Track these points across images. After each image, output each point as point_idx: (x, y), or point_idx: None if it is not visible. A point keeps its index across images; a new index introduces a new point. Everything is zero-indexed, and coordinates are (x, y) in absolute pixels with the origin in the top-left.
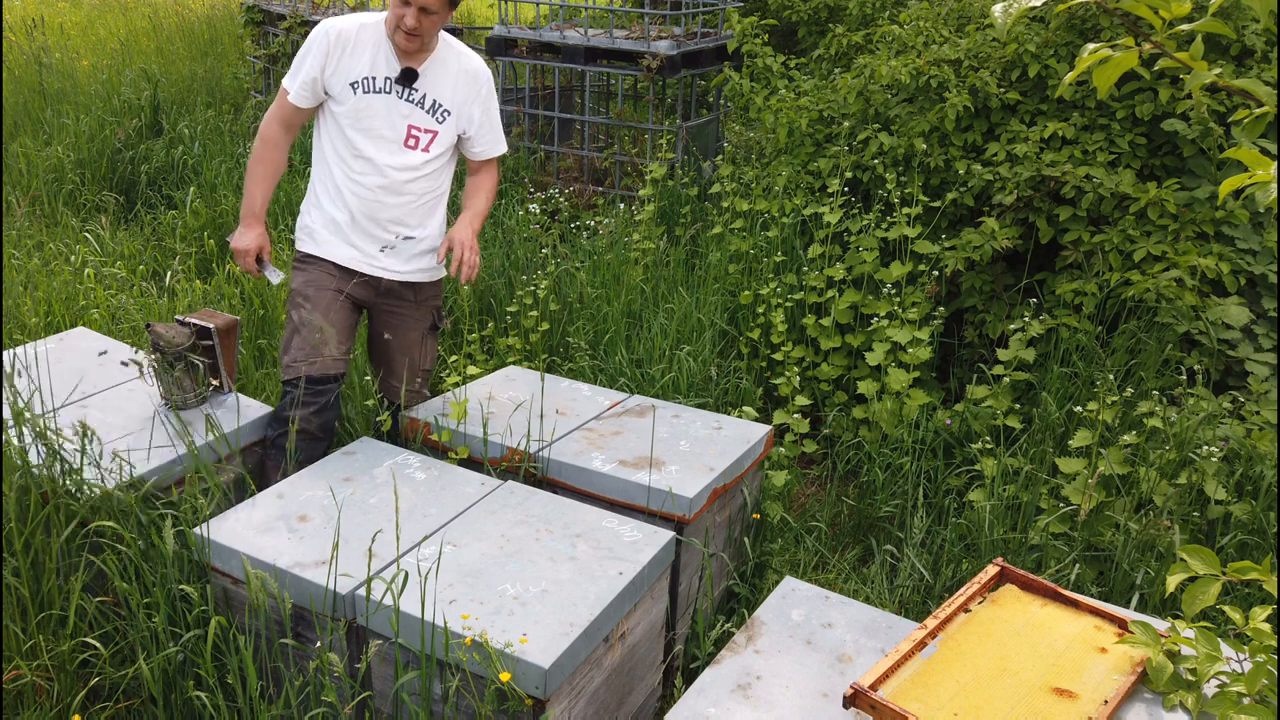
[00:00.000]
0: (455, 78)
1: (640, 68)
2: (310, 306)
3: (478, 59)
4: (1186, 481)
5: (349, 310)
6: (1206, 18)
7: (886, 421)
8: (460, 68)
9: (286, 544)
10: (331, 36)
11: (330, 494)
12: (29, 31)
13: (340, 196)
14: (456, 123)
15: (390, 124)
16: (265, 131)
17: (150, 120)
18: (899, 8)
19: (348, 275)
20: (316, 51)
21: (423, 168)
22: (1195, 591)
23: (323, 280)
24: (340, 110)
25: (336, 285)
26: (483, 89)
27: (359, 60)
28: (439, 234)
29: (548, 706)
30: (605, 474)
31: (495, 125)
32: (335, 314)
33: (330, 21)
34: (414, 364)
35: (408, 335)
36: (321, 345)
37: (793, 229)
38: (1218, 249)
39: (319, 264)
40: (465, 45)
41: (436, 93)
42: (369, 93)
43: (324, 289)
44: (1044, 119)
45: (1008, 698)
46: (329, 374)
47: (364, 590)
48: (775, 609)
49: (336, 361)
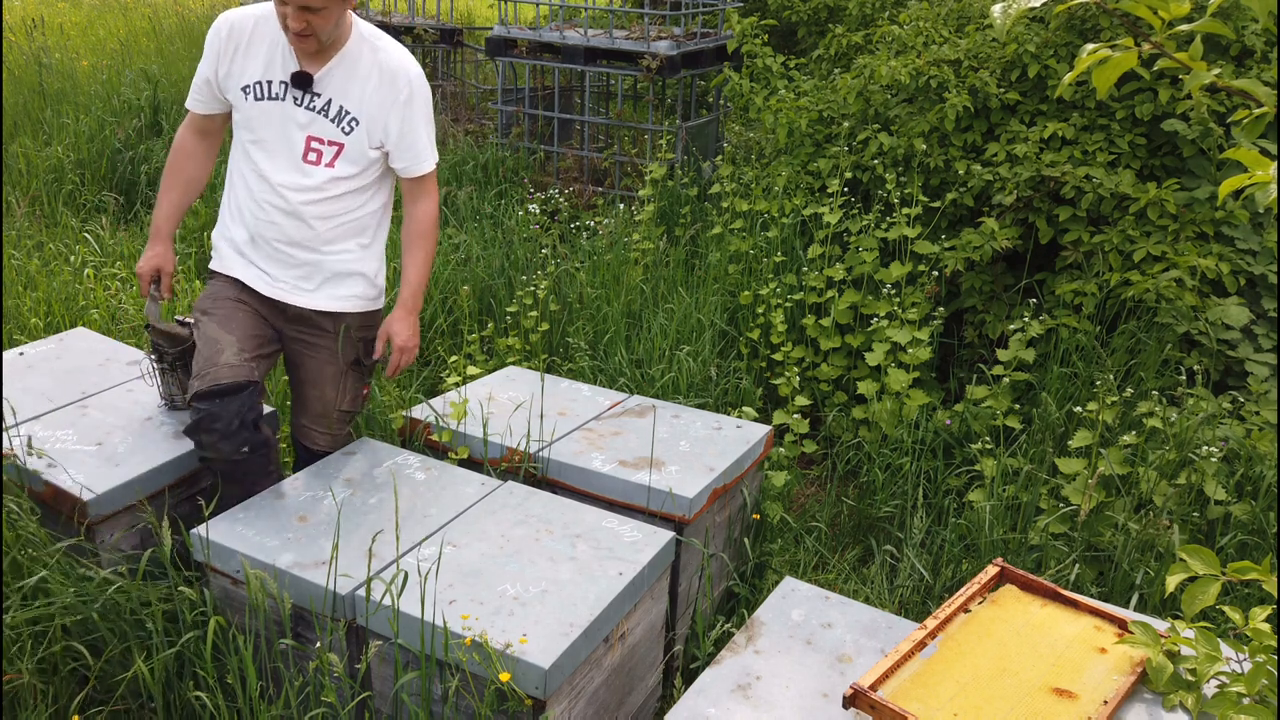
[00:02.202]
0: (367, 79)
1: (640, 68)
2: (207, 319)
3: (401, 56)
4: (1186, 482)
5: (253, 318)
6: (1206, 18)
7: (886, 422)
8: (376, 66)
9: (286, 544)
10: (223, 33)
11: (330, 494)
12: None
13: (240, 214)
14: (369, 134)
15: (285, 136)
16: (177, 139)
17: (150, 120)
18: (899, 8)
19: (252, 293)
20: (209, 50)
21: (327, 187)
22: (1195, 591)
23: (222, 290)
24: (238, 119)
25: (237, 295)
26: (402, 92)
27: (253, 61)
28: (365, 260)
29: (547, 707)
30: (605, 474)
31: (419, 137)
32: (235, 322)
33: (226, 15)
34: (327, 403)
35: (321, 369)
36: (216, 355)
37: (792, 229)
38: (1218, 249)
39: (221, 277)
40: (390, 39)
41: (342, 98)
42: (262, 99)
43: (222, 299)
44: (1044, 119)
45: (1008, 698)
46: (221, 383)
47: (364, 590)
48: (775, 609)
49: (234, 369)
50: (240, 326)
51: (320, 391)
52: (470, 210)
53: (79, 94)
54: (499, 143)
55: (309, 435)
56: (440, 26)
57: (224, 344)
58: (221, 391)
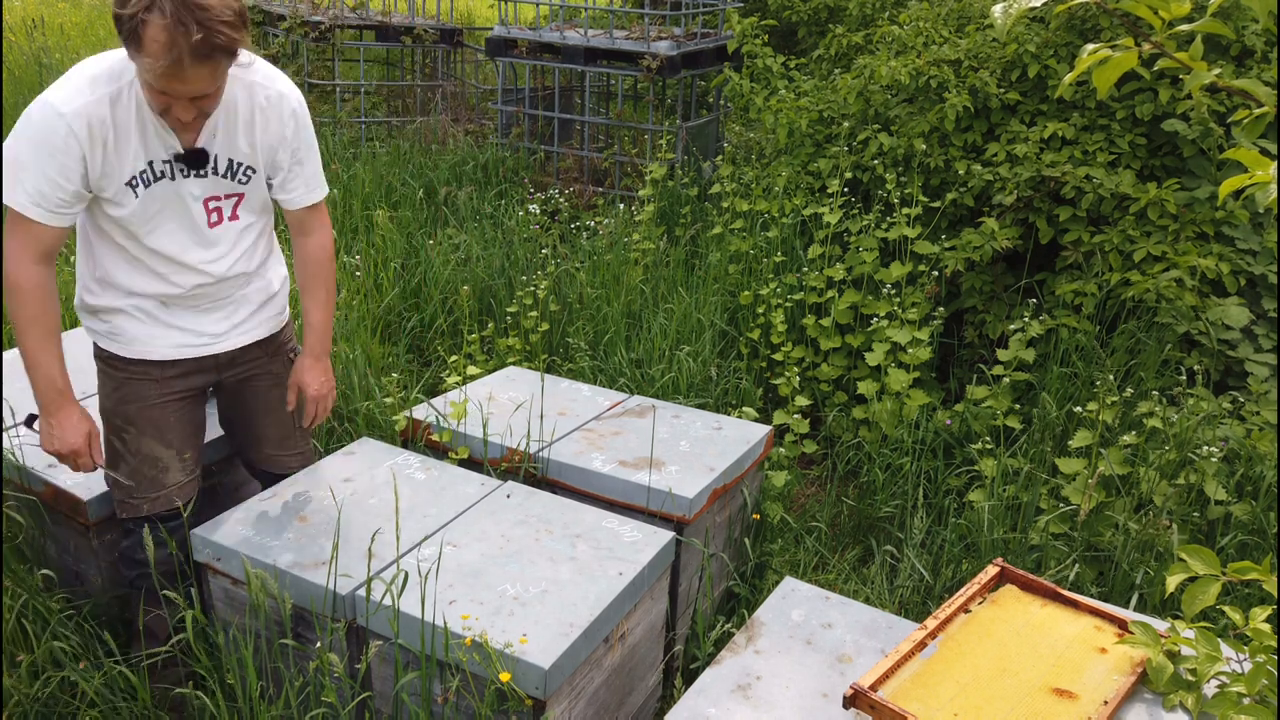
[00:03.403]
0: (250, 124)
1: (640, 68)
2: (135, 431)
3: (278, 86)
4: (1186, 482)
5: (187, 411)
6: (1206, 18)
7: (886, 422)
8: (255, 108)
9: (286, 544)
10: (82, 134)
11: (330, 494)
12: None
13: (143, 290)
14: (264, 174)
15: (182, 210)
16: (20, 277)
17: None
18: (899, 8)
19: (174, 367)
20: (67, 155)
21: (239, 240)
22: (1195, 592)
23: (142, 392)
24: (121, 214)
25: (160, 392)
26: (288, 126)
27: (127, 152)
28: (275, 273)
29: (548, 707)
30: (605, 474)
31: (309, 166)
32: (171, 430)
33: (71, 111)
34: (286, 425)
35: (269, 395)
36: (161, 475)
37: (792, 229)
38: (1218, 249)
39: (130, 369)
40: (258, 64)
41: (231, 150)
42: (151, 184)
43: (147, 404)
44: (1044, 119)
45: (1008, 698)
46: (176, 506)
47: (364, 590)
48: (775, 609)
49: (184, 488)
50: (179, 432)
51: (277, 416)
52: (470, 210)
53: None
54: (499, 143)
55: (279, 462)
56: (440, 26)
57: (166, 460)
58: (173, 515)
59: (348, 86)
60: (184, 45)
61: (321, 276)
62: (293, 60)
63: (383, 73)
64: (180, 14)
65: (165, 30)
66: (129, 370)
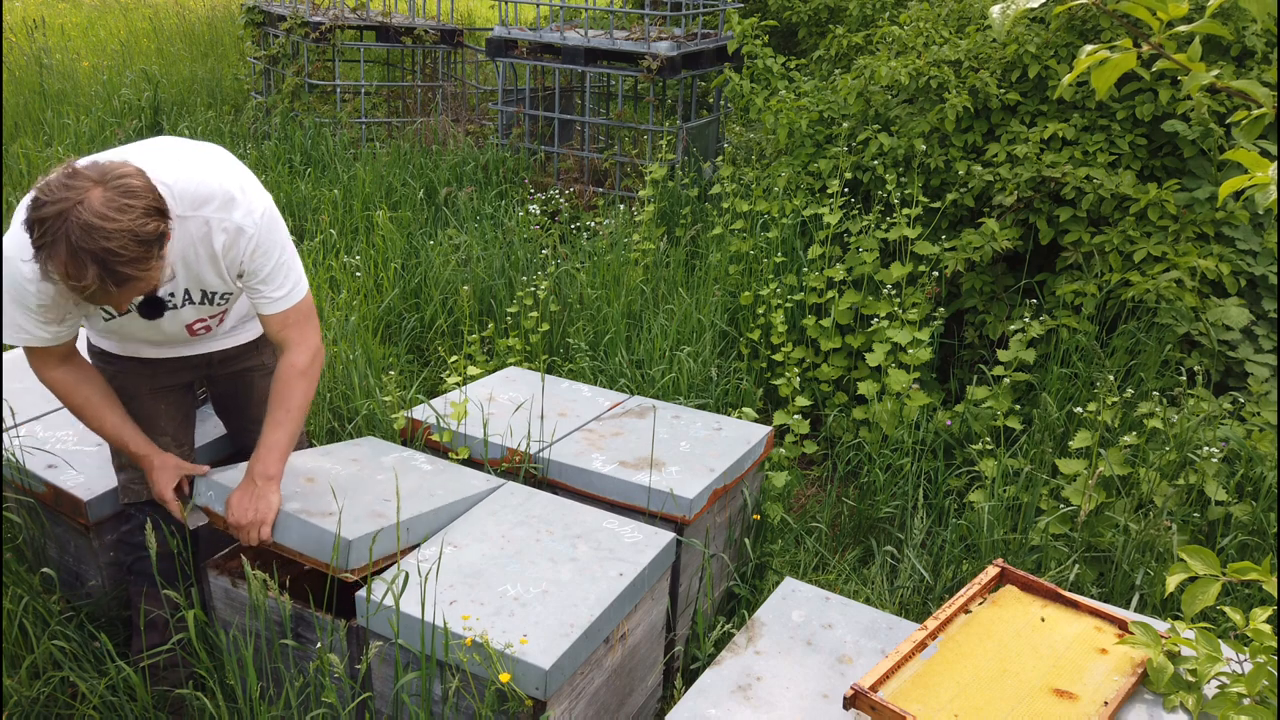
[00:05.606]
0: (212, 257)
1: (640, 69)
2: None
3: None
4: (1186, 482)
5: (177, 397)
6: (1204, 19)
7: (887, 422)
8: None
9: (293, 495)
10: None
11: (330, 494)
12: (29, 32)
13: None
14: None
15: (159, 335)
16: (51, 381)
17: (150, 121)
18: (899, 9)
19: (165, 364)
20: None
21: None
22: (1195, 592)
23: (133, 385)
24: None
25: (152, 386)
26: (245, 253)
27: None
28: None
29: (548, 707)
30: (605, 475)
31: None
32: (163, 416)
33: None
34: None
35: (262, 384)
36: None
37: (793, 230)
38: (1218, 250)
39: (121, 363)
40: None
41: (200, 283)
42: (123, 316)
43: (139, 396)
44: (1044, 120)
45: (1008, 699)
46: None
47: (364, 591)
48: (776, 610)
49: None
50: (171, 419)
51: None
52: (470, 211)
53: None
54: (499, 143)
55: None
56: (440, 27)
57: (162, 446)
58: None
59: (348, 87)
60: (88, 283)
61: (283, 395)
62: (293, 61)
63: (383, 73)
64: (79, 256)
65: (63, 272)
66: (120, 364)
